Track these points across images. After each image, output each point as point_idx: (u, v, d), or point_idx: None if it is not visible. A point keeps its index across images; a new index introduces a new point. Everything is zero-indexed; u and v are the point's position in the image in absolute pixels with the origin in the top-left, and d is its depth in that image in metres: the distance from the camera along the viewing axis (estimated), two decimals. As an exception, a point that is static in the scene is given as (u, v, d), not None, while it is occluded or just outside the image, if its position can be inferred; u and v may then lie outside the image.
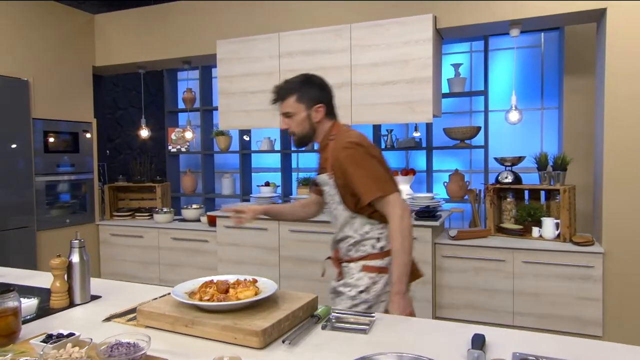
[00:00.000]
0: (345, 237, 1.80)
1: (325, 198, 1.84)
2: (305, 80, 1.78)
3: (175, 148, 5.45)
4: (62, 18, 4.39)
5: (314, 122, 1.77)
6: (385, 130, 4.47)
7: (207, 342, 1.23)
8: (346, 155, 1.68)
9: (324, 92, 1.80)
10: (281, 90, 1.77)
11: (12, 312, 1.23)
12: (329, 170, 1.75)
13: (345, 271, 1.84)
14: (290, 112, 1.76)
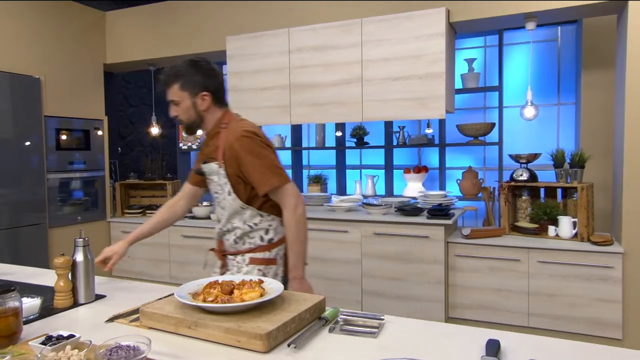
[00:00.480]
0: (233, 228, 1.77)
1: (213, 188, 1.81)
2: (189, 66, 1.72)
3: (186, 145, 5.45)
4: (73, 15, 4.40)
5: (199, 110, 1.73)
6: (397, 126, 4.40)
7: (211, 345, 1.19)
8: (242, 144, 1.66)
9: (211, 79, 1.74)
10: (166, 76, 1.73)
11: (12, 312, 1.20)
12: (219, 159, 1.71)
13: (231, 264, 1.81)
14: (175, 100, 1.72)
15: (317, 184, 4.58)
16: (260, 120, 3.99)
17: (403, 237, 3.28)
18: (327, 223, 3.50)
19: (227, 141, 1.69)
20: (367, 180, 4.47)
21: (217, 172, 1.73)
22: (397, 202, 3.61)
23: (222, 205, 1.78)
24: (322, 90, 3.68)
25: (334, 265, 3.50)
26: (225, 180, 1.72)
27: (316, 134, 4.74)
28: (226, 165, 1.70)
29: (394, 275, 3.32)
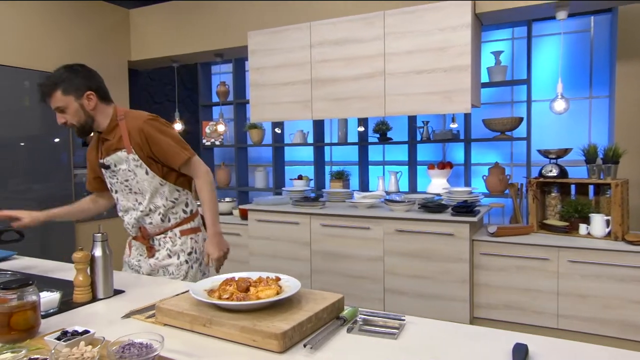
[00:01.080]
0: (156, 207, 1.89)
1: (120, 177, 1.88)
2: (66, 71, 1.77)
3: (209, 141, 5.48)
4: (98, 14, 4.46)
5: (88, 110, 1.80)
6: (421, 121, 4.31)
7: (226, 343, 1.16)
8: (151, 125, 1.82)
9: (91, 80, 1.81)
10: (45, 86, 1.75)
11: (30, 306, 1.20)
12: (127, 147, 1.82)
13: (162, 243, 1.94)
14: (60, 106, 1.77)
15: (339, 180, 4.54)
16: (281, 116, 3.97)
17: (426, 235, 3.21)
18: (349, 219, 3.45)
19: (133, 128, 1.82)
20: (390, 176, 4.40)
21: (126, 159, 1.84)
22: (420, 199, 3.54)
23: (137, 189, 1.88)
24: (344, 84, 3.62)
25: (355, 263, 3.45)
26: (137, 163, 1.84)
27: (338, 129, 4.69)
28: (135, 149, 1.82)
29: (417, 273, 3.26)
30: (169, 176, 1.89)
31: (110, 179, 1.93)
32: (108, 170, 1.90)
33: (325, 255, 3.57)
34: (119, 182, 1.91)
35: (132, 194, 1.91)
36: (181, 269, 1.92)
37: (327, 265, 3.57)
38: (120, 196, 1.95)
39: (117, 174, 1.89)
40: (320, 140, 4.92)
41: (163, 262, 1.93)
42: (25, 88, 3.80)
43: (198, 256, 1.97)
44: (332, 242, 3.53)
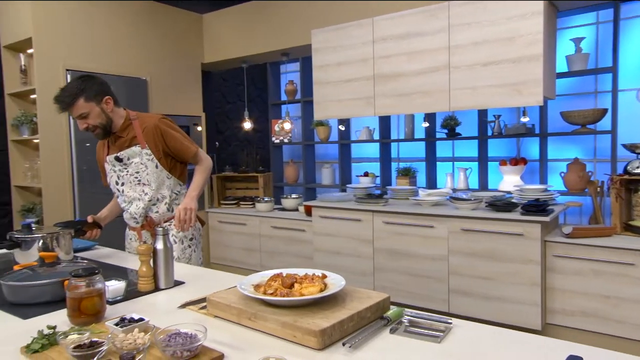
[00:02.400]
0: (163, 197, 2.15)
1: (131, 170, 2.11)
2: (83, 81, 1.99)
3: (278, 139, 5.62)
4: (174, 19, 4.74)
5: (108, 112, 2.04)
6: (492, 115, 4.11)
7: (268, 337, 1.20)
8: (164, 124, 2.11)
9: (105, 86, 2.06)
10: (67, 97, 1.95)
11: (97, 293, 1.32)
12: (141, 142, 2.07)
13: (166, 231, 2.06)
14: (84, 113, 1.98)
15: (405, 177, 4.45)
16: (344, 113, 3.97)
17: (494, 234, 3.06)
18: (412, 217, 3.38)
19: (148, 126, 2.08)
20: (459, 173, 4.24)
21: (140, 153, 2.09)
22: (488, 197, 3.38)
23: (146, 180, 2.11)
24: (407, 79, 3.55)
25: (419, 261, 3.38)
26: (149, 157, 2.09)
27: (405, 125, 4.60)
28: (149, 145, 2.08)
29: (483, 274, 3.12)
30: (174, 171, 2.18)
31: (120, 171, 2.14)
32: (120, 163, 2.12)
33: (388, 253, 3.53)
34: (129, 174, 2.13)
35: (139, 185, 2.13)
36: (185, 253, 2.18)
37: (389, 264, 3.53)
38: (126, 188, 2.16)
39: (128, 166, 2.12)
40: (386, 136, 4.86)
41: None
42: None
43: (197, 242, 2.27)
44: (395, 240, 3.48)
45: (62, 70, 3.82)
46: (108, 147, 2.18)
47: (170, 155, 2.14)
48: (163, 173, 2.14)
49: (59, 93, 1.97)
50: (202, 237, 2.34)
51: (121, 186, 2.18)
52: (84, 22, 3.98)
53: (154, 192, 2.12)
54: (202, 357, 1.05)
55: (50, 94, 3.72)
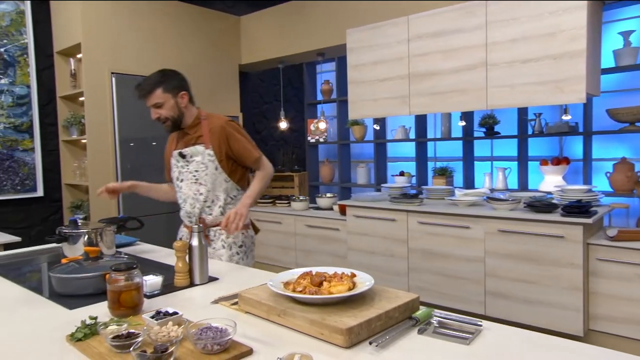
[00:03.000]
0: (217, 199, 2.13)
1: (192, 168, 2.12)
2: (165, 73, 2.06)
3: (313, 138, 5.66)
4: (213, 22, 4.86)
5: (181, 107, 2.08)
6: (532, 114, 3.99)
7: (297, 334, 1.22)
8: (231, 126, 2.13)
9: (184, 82, 2.12)
10: (148, 85, 2.03)
11: (135, 287, 1.38)
12: (206, 143, 2.09)
13: (216, 235, 2.16)
14: (159, 102, 2.04)
15: (442, 176, 4.39)
16: (379, 112, 3.96)
17: (532, 236, 2.97)
18: (448, 218, 3.33)
19: (215, 127, 2.10)
20: (498, 172, 4.14)
21: (203, 153, 2.10)
22: (527, 197, 3.28)
23: (203, 180, 2.12)
24: (443, 78, 3.50)
25: (454, 262, 3.33)
26: (211, 158, 2.10)
27: (442, 124, 4.54)
28: (213, 146, 2.09)
29: (521, 277, 3.03)
30: (234, 174, 2.16)
31: (182, 167, 2.16)
32: (183, 159, 2.15)
33: (423, 253, 3.49)
34: (189, 172, 2.14)
35: (196, 184, 2.13)
36: (232, 260, 2.15)
37: (424, 264, 3.49)
38: (184, 185, 2.16)
39: (190, 164, 2.13)
40: (423, 135, 4.80)
41: (218, 251, 2.16)
42: (152, 94, 4.29)
43: (246, 249, 2.22)
44: (430, 240, 3.44)
45: (108, 73, 4.00)
46: (177, 142, 2.21)
47: (232, 158, 2.14)
48: (222, 176, 2.13)
49: (140, 82, 2.06)
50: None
51: (180, 182, 2.19)
52: (127, 27, 4.15)
53: (208, 192, 2.12)
54: (231, 351, 1.09)
55: (97, 96, 3.93)
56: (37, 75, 4.01)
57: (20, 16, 3.89)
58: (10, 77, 3.85)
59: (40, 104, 4.03)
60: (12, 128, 3.87)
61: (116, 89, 4.04)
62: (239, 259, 2.18)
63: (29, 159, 3.97)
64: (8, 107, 3.84)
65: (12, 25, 3.85)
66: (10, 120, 3.86)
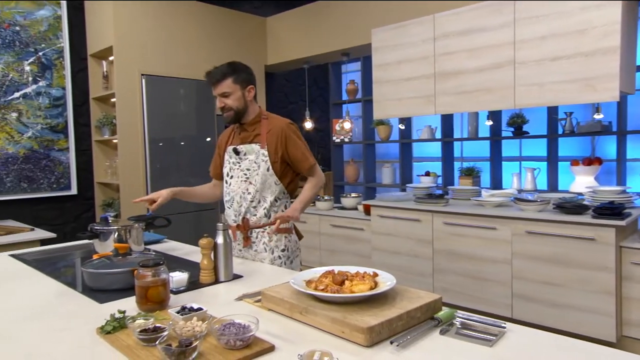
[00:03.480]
0: (263, 200, 2.10)
1: (243, 166, 2.11)
2: (236, 66, 2.08)
3: (339, 138, 5.67)
4: (239, 23, 4.93)
5: (247, 100, 2.08)
6: (563, 113, 3.89)
7: (318, 332, 1.23)
8: (291, 129, 2.11)
9: (252, 77, 2.12)
10: (219, 73, 2.04)
11: (162, 283, 1.42)
12: (262, 142, 2.08)
13: (258, 237, 2.14)
14: (227, 92, 2.04)
15: (468, 177, 4.33)
16: (403, 112, 3.93)
17: (562, 238, 2.90)
18: (474, 219, 3.29)
19: (275, 127, 2.09)
20: (527, 173, 4.06)
21: (257, 152, 2.09)
22: (557, 198, 3.21)
23: (253, 180, 2.10)
24: (469, 77, 3.45)
25: (480, 264, 3.28)
26: (265, 158, 2.07)
27: (468, 124, 4.48)
28: (269, 146, 2.08)
29: (550, 279, 2.96)
30: (284, 179, 2.12)
31: (234, 164, 2.15)
32: (237, 155, 2.13)
33: (448, 254, 3.45)
34: (240, 169, 2.12)
35: (245, 183, 2.11)
36: (275, 264, 2.10)
37: (449, 265, 3.45)
38: (234, 181, 2.14)
39: (242, 161, 2.12)
40: (449, 135, 4.75)
41: (260, 254, 2.13)
42: (180, 95, 4.38)
43: (289, 254, 2.16)
44: (456, 241, 3.40)
45: (138, 75, 4.11)
46: (232, 138, 2.20)
47: (286, 162, 2.10)
48: (272, 178, 2.08)
49: (211, 70, 2.07)
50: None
51: (230, 178, 2.17)
52: (157, 30, 4.25)
53: (256, 192, 2.09)
54: (254, 347, 1.11)
55: (128, 97, 4.04)
56: (72, 78, 4.15)
57: (57, 21, 4.04)
58: (47, 80, 4.00)
59: (74, 105, 4.18)
60: (49, 128, 4.02)
61: (146, 90, 4.14)
62: (281, 263, 2.12)
63: (64, 158, 4.12)
64: (45, 109, 4.00)
65: (50, 30, 4.01)
66: (47, 121, 4.01)
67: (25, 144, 3.90)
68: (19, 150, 3.87)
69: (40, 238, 2.99)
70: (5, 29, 3.79)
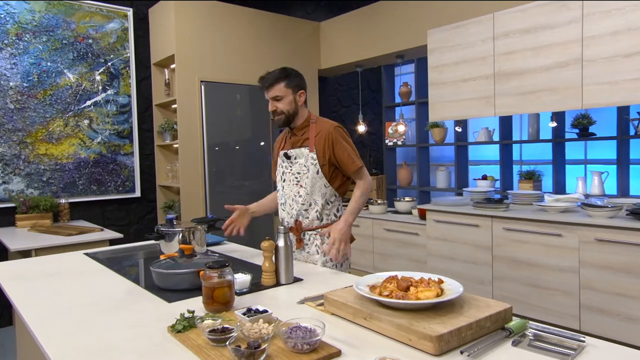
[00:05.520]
0: (315, 202, 2.12)
1: (294, 170, 2.15)
2: (288, 71, 2.12)
3: (391, 141, 5.61)
4: (293, 29, 5.00)
5: (298, 104, 2.13)
6: (635, 113, 3.64)
7: (383, 338, 1.22)
8: (338, 132, 2.12)
9: (304, 82, 2.17)
10: (272, 77, 2.09)
11: (227, 284, 1.46)
12: (310, 146, 2.10)
13: (310, 240, 2.16)
14: (279, 96, 2.09)
15: (529, 180, 4.15)
16: (461, 114, 3.83)
17: (636, 247, 2.71)
18: (536, 224, 3.14)
19: (322, 131, 2.11)
20: (593, 177, 3.83)
21: (306, 155, 2.12)
22: (630, 204, 3.00)
23: (304, 183, 2.13)
24: (531, 76, 3.31)
25: (543, 272, 3.13)
26: (314, 162, 2.10)
27: (529, 125, 4.29)
28: (317, 150, 2.10)
29: (622, 291, 2.78)
30: (334, 181, 2.14)
31: (286, 168, 2.20)
32: (288, 160, 2.18)
33: (509, 261, 3.32)
34: (291, 173, 2.17)
35: (297, 186, 2.15)
36: (326, 266, 2.10)
37: (510, 273, 3.32)
38: (286, 185, 2.19)
39: (293, 165, 2.16)
40: (508, 137, 4.58)
41: (312, 257, 2.15)
42: (237, 100, 4.50)
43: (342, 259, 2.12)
44: (517, 248, 3.27)
45: (197, 82, 4.26)
46: (284, 143, 2.24)
47: (334, 164, 2.12)
48: (322, 180, 2.11)
49: (264, 74, 2.13)
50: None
51: (283, 182, 2.22)
52: (214, 38, 4.39)
53: (307, 195, 2.12)
54: (320, 351, 1.11)
55: (188, 104, 4.20)
56: (137, 86, 4.37)
57: (124, 32, 4.27)
58: (115, 88, 4.23)
59: (138, 112, 4.39)
60: (116, 134, 4.25)
61: (205, 96, 4.29)
62: (332, 266, 2.12)
63: (129, 162, 4.33)
64: (113, 116, 4.23)
65: (118, 41, 4.24)
66: (114, 127, 4.24)
67: (95, 149, 4.14)
68: (90, 155, 4.11)
69: (109, 238, 3.16)
70: (80, 42, 4.05)
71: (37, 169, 3.86)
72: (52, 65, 3.91)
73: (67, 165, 4.00)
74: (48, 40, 3.88)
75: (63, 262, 2.24)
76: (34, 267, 2.14)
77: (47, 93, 3.89)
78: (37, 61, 3.84)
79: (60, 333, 1.32)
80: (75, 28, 4.01)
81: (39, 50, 3.85)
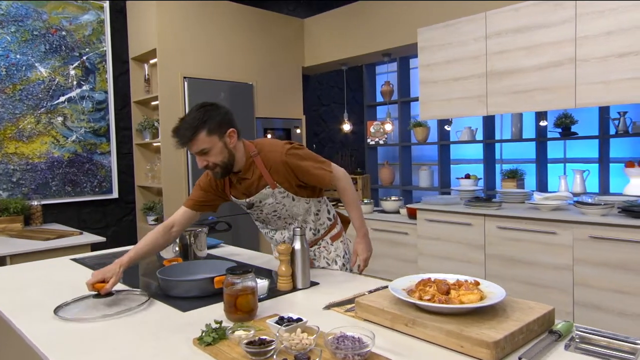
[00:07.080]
0: (305, 221, 1.94)
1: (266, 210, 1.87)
2: (206, 110, 1.68)
3: (373, 141, 5.58)
4: (278, 25, 4.89)
5: (230, 148, 1.73)
6: (616, 112, 3.74)
7: (430, 345, 1.15)
8: (292, 158, 1.78)
9: (228, 115, 1.74)
10: (188, 129, 1.64)
11: (251, 291, 1.35)
12: (271, 183, 1.80)
13: (316, 255, 2.00)
14: (205, 148, 1.67)
15: (512, 179, 4.20)
16: (452, 113, 3.83)
17: (630, 243, 2.76)
18: (530, 223, 3.16)
19: (274, 163, 1.78)
20: (575, 175, 3.91)
21: (272, 194, 1.83)
22: (620, 202, 3.07)
23: (287, 215, 1.90)
24: (524, 76, 3.33)
25: (538, 270, 3.15)
26: (284, 195, 1.84)
27: (512, 125, 4.34)
28: (280, 182, 1.81)
29: (616, 287, 2.83)
30: (312, 193, 1.93)
31: (258, 214, 1.92)
32: (253, 207, 1.89)
33: (502, 259, 3.33)
34: (266, 214, 1.91)
35: (281, 220, 1.92)
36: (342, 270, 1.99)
37: (504, 271, 3.33)
38: (271, 222, 1.95)
39: (263, 208, 1.88)
40: (491, 136, 4.62)
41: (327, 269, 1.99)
42: (220, 97, 4.34)
43: (349, 256, 2.04)
44: (510, 246, 3.28)
45: (180, 78, 4.08)
46: (230, 183, 1.88)
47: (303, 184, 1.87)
48: (302, 201, 1.89)
49: (178, 125, 1.68)
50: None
51: (261, 223, 1.99)
52: (197, 32, 4.23)
53: (297, 222, 1.92)
54: (371, 362, 1.03)
55: (170, 100, 4.02)
56: (114, 81, 4.15)
57: (100, 25, 4.04)
58: (90, 84, 4.01)
59: (115, 109, 4.17)
60: (92, 132, 4.02)
61: (188, 92, 4.11)
62: (346, 269, 2.02)
63: (106, 162, 4.11)
64: (88, 113, 4.00)
65: (94, 34, 4.01)
66: (90, 124, 4.01)
67: (69, 148, 3.90)
68: (64, 154, 3.88)
69: (90, 242, 2.97)
70: (53, 34, 3.80)
71: (6, 169, 3.60)
72: (22, 58, 3.66)
73: (39, 165, 3.75)
74: (17, 30, 3.63)
75: (50, 269, 2.07)
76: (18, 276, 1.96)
77: (16, 88, 3.64)
78: (5, 53, 3.58)
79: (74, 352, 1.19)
80: (47, 19, 3.76)
81: (7, 42, 3.59)
